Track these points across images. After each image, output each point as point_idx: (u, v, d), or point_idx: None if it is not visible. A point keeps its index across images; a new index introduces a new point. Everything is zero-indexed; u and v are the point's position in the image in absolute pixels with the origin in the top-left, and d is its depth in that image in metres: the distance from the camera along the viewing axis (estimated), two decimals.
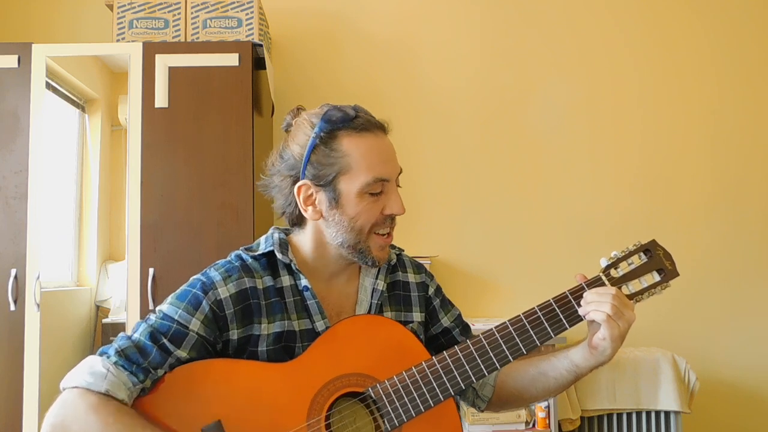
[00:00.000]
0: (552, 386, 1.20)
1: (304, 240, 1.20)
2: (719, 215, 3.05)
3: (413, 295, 1.28)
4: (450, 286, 1.40)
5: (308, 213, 1.16)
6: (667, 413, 2.62)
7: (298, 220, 1.20)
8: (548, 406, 2.48)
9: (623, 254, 1.18)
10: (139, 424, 0.98)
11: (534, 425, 2.53)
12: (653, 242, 1.20)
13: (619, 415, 2.64)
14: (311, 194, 1.15)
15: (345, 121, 1.14)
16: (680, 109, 3.09)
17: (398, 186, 1.19)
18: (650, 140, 3.07)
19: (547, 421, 2.50)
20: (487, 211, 3.02)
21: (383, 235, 1.16)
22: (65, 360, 2.49)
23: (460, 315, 1.34)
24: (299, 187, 1.15)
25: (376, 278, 1.24)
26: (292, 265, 1.17)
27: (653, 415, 2.63)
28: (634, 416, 2.63)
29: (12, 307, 2.37)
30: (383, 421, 1.08)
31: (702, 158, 3.07)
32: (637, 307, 1.16)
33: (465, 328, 1.33)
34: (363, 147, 1.14)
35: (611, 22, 3.12)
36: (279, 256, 1.16)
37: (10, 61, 2.46)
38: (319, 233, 1.18)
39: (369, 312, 1.21)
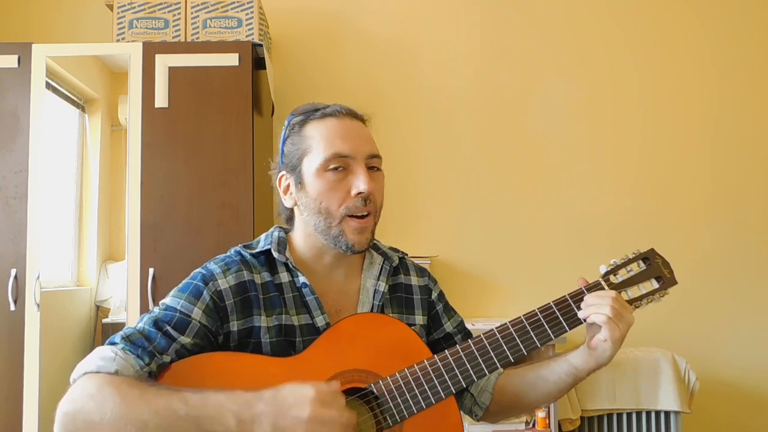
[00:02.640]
0: (552, 390, 1.20)
1: (297, 236, 1.22)
2: (719, 216, 3.05)
3: (415, 298, 1.29)
4: (450, 286, 1.40)
5: (287, 201, 1.21)
6: (667, 413, 2.62)
7: (290, 216, 1.24)
8: (548, 406, 2.48)
9: (622, 261, 1.20)
10: (154, 388, 0.98)
11: (534, 425, 2.54)
12: (652, 251, 1.22)
13: (619, 415, 2.64)
14: (288, 184, 1.21)
15: (312, 111, 1.20)
16: (680, 110, 3.09)
17: (375, 169, 1.18)
18: (650, 140, 3.07)
19: (547, 421, 2.50)
20: (487, 211, 3.02)
21: (359, 217, 1.15)
22: (65, 360, 2.49)
23: (462, 322, 1.35)
24: (279, 178, 1.22)
25: (378, 279, 1.24)
26: (289, 263, 1.18)
27: (653, 415, 2.63)
28: (634, 416, 2.64)
29: (12, 307, 2.37)
30: (384, 417, 1.09)
31: (702, 158, 3.07)
32: (637, 309, 1.16)
33: (467, 335, 1.32)
34: (323, 129, 1.17)
35: (611, 22, 3.12)
36: (275, 255, 1.18)
37: (10, 61, 2.46)
38: (303, 223, 1.20)
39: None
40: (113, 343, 1.05)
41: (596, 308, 1.11)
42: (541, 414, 2.50)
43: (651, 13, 3.12)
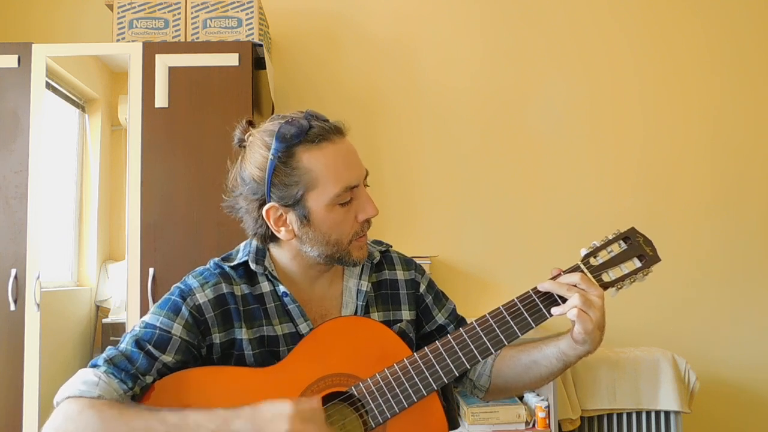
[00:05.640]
0: (544, 374, 1.22)
1: (280, 253, 1.21)
2: (719, 215, 3.05)
3: (401, 293, 1.28)
4: (450, 286, 1.40)
5: (281, 234, 1.15)
6: (667, 413, 2.62)
7: (273, 239, 1.19)
8: (548, 406, 2.48)
9: (602, 243, 1.19)
10: (133, 409, 1.00)
11: (534, 425, 2.53)
12: (632, 229, 1.20)
13: (619, 415, 2.64)
14: (281, 215, 1.14)
15: (299, 135, 1.10)
16: (680, 110, 3.09)
17: (366, 185, 1.18)
18: (651, 140, 3.07)
19: (547, 421, 2.49)
20: (487, 211, 3.02)
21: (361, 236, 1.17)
22: (65, 360, 2.49)
23: (454, 309, 1.34)
24: (267, 211, 1.14)
25: (360, 278, 1.24)
26: (268, 273, 1.18)
27: (653, 415, 2.63)
28: (634, 416, 2.63)
29: (12, 307, 2.37)
30: (369, 419, 1.09)
31: (702, 158, 3.07)
32: (637, 306, 1.16)
33: (460, 323, 1.32)
34: (324, 159, 1.11)
35: (611, 22, 3.12)
36: (253, 267, 1.18)
37: (10, 61, 2.46)
38: (295, 249, 1.18)
39: (355, 313, 1.22)
40: (96, 366, 1.05)
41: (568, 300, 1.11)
42: (541, 414, 2.50)
43: (651, 14, 3.12)
